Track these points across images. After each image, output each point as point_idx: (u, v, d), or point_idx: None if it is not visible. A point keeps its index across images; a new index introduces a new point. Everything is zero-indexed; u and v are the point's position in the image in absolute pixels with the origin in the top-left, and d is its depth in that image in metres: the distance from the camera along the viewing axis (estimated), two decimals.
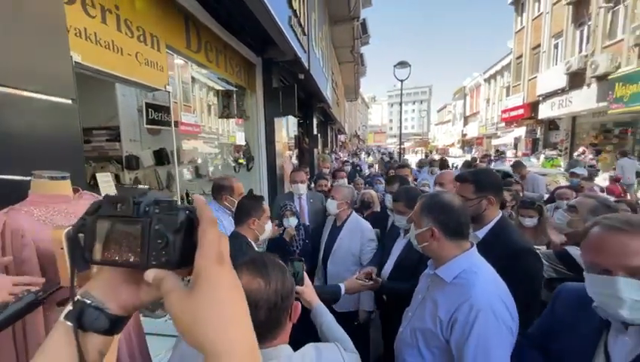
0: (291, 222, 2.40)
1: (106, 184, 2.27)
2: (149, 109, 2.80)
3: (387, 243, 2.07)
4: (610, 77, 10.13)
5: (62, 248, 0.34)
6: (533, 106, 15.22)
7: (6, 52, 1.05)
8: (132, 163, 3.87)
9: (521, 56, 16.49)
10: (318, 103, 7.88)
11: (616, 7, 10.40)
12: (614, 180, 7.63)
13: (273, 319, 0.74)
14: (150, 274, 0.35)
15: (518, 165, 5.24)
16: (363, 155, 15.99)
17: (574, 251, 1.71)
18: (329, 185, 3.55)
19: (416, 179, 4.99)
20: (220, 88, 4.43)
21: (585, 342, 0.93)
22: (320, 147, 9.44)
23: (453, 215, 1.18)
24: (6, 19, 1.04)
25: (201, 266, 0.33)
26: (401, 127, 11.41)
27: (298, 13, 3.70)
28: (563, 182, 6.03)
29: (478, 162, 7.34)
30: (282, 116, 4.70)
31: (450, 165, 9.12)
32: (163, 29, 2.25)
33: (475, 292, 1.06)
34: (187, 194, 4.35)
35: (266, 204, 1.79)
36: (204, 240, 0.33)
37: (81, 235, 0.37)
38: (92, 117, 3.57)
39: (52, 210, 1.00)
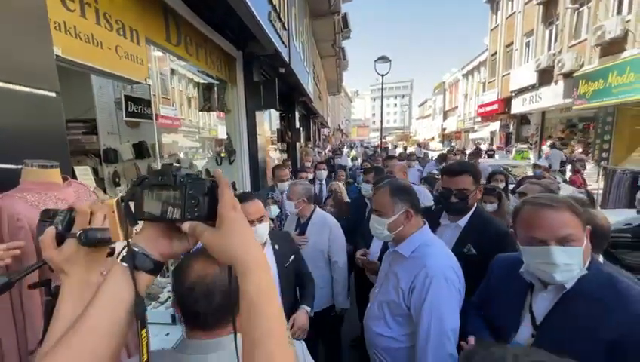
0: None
1: (85, 177, 2.28)
2: (129, 102, 2.80)
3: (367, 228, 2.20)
4: (574, 75, 10.80)
5: (113, 211, 0.45)
6: (507, 102, 15.93)
7: None
8: (110, 156, 3.83)
9: (495, 53, 17.15)
10: (300, 97, 7.94)
11: (581, 9, 11.04)
12: (576, 171, 8.24)
13: (228, 304, 0.72)
14: (186, 225, 0.48)
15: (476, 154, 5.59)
16: (345, 150, 16.18)
17: None
18: (310, 177, 3.68)
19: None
20: (202, 81, 4.42)
21: (513, 303, 1.11)
22: (303, 140, 9.52)
23: (414, 195, 1.34)
24: None
25: (223, 213, 0.47)
26: (382, 121, 11.67)
27: (278, 8, 3.76)
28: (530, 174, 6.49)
29: (453, 155, 7.69)
30: (264, 110, 4.76)
31: (430, 158, 9.64)
32: (142, 23, 2.27)
33: (429, 262, 1.22)
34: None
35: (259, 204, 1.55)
36: (223, 197, 0.48)
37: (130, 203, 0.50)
38: (67, 109, 3.49)
39: (44, 196, 1.07)
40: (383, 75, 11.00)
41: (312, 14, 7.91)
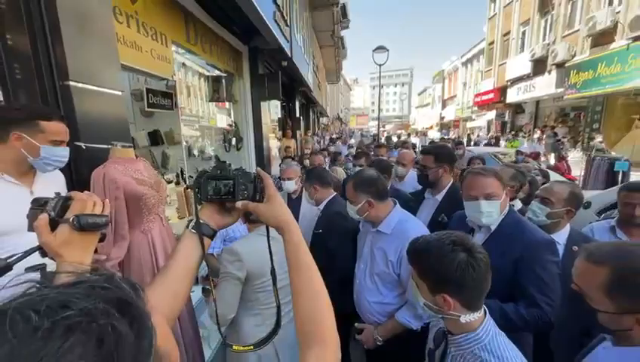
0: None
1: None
2: (149, 94, 3.22)
3: None
4: (566, 65, 11.12)
5: (183, 196, 0.78)
6: (503, 91, 16.22)
7: (80, 60, 1.51)
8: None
9: (493, 42, 17.31)
10: (300, 87, 8.29)
11: None
12: (561, 158, 8.70)
13: None
14: (239, 203, 0.69)
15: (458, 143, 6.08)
16: (352, 141, 16.52)
17: None
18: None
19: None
20: (209, 73, 4.79)
21: None
22: (302, 129, 9.91)
23: (377, 184, 1.57)
24: (77, 37, 1.51)
25: (271, 193, 0.70)
26: (379, 110, 12.01)
27: (281, 7, 4.12)
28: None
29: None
30: (268, 100, 5.16)
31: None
32: (168, 27, 2.67)
33: (410, 234, 1.35)
34: (182, 172, 4.80)
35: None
36: (268, 183, 0.71)
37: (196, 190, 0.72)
38: None
39: (127, 167, 1.52)
40: (380, 65, 11.24)
41: (311, 6, 8.17)
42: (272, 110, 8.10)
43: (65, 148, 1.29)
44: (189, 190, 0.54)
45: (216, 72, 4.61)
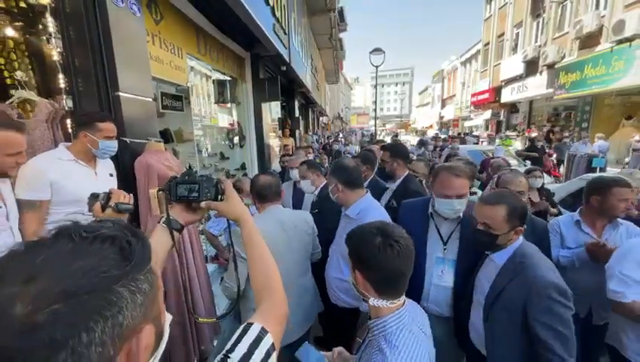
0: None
1: None
2: (163, 97, 3.70)
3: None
4: (556, 66, 11.54)
5: (155, 197, 1.00)
6: (497, 91, 16.65)
7: (125, 76, 1.99)
8: None
9: (488, 43, 17.72)
10: (299, 88, 8.75)
11: (565, 2, 11.67)
12: (548, 155, 9.14)
13: None
14: (204, 204, 0.87)
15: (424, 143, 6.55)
16: (340, 137, 17.03)
17: None
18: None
19: None
20: (214, 77, 5.27)
21: (421, 225, 1.71)
22: (302, 128, 10.38)
23: (348, 173, 1.75)
24: (124, 58, 1.99)
25: (227, 193, 0.88)
26: (376, 109, 12.47)
27: (280, 19, 4.59)
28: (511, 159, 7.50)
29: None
30: (268, 102, 5.64)
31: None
32: (183, 41, 3.15)
33: (367, 220, 1.61)
34: (190, 167, 5.28)
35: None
36: (227, 186, 0.89)
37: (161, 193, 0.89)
38: None
39: (159, 156, 2.00)
40: (377, 66, 11.72)
41: (309, 12, 8.63)
42: (272, 110, 8.59)
43: (114, 141, 1.77)
44: (161, 192, 0.77)
45: (221, 76, 5.10)
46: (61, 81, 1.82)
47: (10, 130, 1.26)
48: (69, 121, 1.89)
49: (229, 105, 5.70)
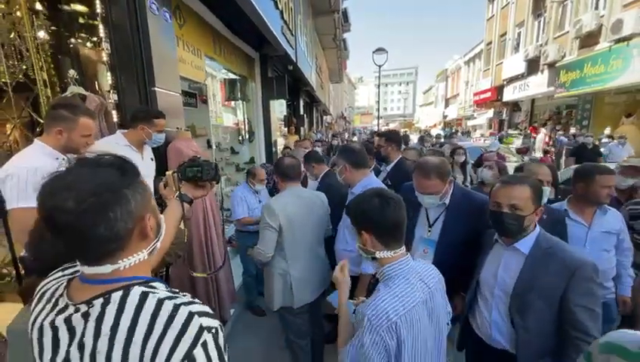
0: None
1: None
2: None
3: None
4: (557, 65, 11.71)
5: (170, 177, 1.10)
6: (500, 90, 16.81)
7: (160, 74, 2.33)
8: None
9: (490, 43, 17.88)
10: (304, 87, 9.07)
11: (566, 2, 11.83)
12: (546, 152, 9.36)
13: None
14: (205, 184, 1.15)
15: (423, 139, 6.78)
16: (346, 137, 17.35)
17: None
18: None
19: None
20: (225, 77, 5.61)
21: (413, 209, 1.74)
22: (306, 126, 10.70)
23: (354, 154, 1.94)
24: (159, 59, 2.32)
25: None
26: (379, 109, 12.75)
27: (288, 21, 4.91)
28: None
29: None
30: (276, 99, 5.97)
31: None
32: (202, 43, 3.48)
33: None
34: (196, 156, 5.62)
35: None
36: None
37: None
38: None
39: (188, 143, 2.33)
40: (380, 66, 11.99)
41: (314, 13, 8.94)
42: (277, 109, 8.92)
43: (163, 134, 2.09)
44: (174, 174, 1.01)
45: (232, 75, 5.43)
46: (108, 78, 2.15)
47: (86, 116, 1.55)
48: (114, 113, 2.23)
49: (234, 105, 6.04)
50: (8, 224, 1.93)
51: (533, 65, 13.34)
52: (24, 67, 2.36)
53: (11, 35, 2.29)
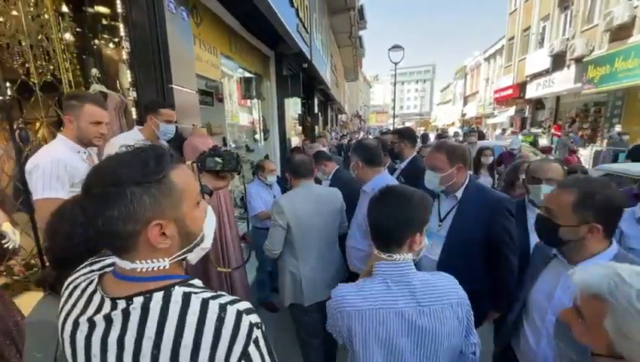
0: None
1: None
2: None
3: None
4: (584, 59, 11.12)
5: (190, 168, 1.04)
6: (522, 86, 16.16)
7: (177, 72, 2.37)
8: None
9: (513, 38, 17.21)
10: (319, 85, 9.06)
11: None
12: (572, 152, 8.93)
13: None
14: (226, 174, 1.15)
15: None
16: (362, 135, 17.22)
17: None
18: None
19: None
20: (241, 75, 5.68)
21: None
22: (321, 124, 10.69)
23: (368, 151, 1.88)
24: (176, 58, 2.36)
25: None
26: (394, 107, 12.55)
27: (303, 19, 4.90)
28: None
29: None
30: (290, 98, 5.99)
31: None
32: (218, 42, 3.53)
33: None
34: (220, 145, 5.72)
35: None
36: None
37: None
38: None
39: (203, 140, 2.37)
40: (396, 63, 11.80)
41: (330, 11, 8.90)
42: (291, 108, 8.95)
43: (173, 125, 2.13)
44: (194, 164, 0.98)
45: (247, 74, 5.49)
46: (128, 76, 2.21)
47: (93, 103, 1.54)
48: (133, 110, 2.29)
49: (249, 103, 6.10)
50: (34, 215, 2.03)
51: (558, 61, 12.73)
52: (51, 67, 2.48)
53: (39, 37, 2.40)
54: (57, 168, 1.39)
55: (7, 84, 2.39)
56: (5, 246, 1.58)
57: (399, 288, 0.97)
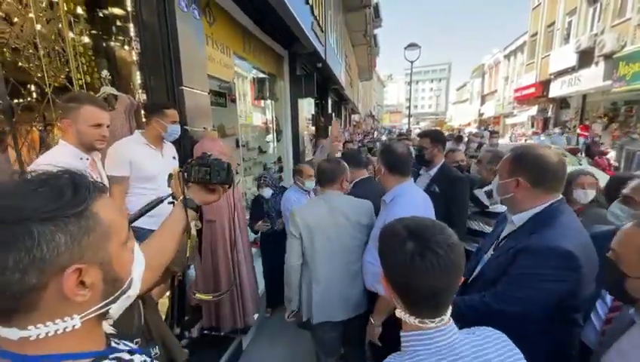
0: (265, 192, 2.87)
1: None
2: (209, 94, 4.05)
3: None
4: (615, 56, 10.48)
5: (176, 176, 0.96)
6: (545, 85, 15.47)
7: (188, 73, 2.28)
8: None
9: (536, 34, 16.52)
10: (333, 85, 8.90)
11: None
12: (601, 154, 8.40)
13: None
14: (216, 187, 0.96)
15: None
16: (375, 136, 16.94)
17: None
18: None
19: None
20: (254, 76, 5.60)
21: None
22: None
23: (391, 157, 1.69)
24: (187, 58, 2.27)
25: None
26: (410, 106, 12.27)
27: (318, 17, 4.76)
28: None
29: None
30: (304, 98, 5.86)
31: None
32: (231, 42, 3.44)
33: (396, 209, 1.53)
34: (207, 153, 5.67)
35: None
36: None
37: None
38: None
39: (214, 143, 2.27)
40: (412, 62, 11.50)
41: (345, 9, 8.73)
42: (305, 108, 8.81)
43: (178, 126, 2.04)
44: (180, 173, 0.85)
45: (260, 74, 5.40)
46: (138, 78, 2.13)
47: (92, 105, 1.47)
48: (142, 112, 2.22)
49: (262, 104, 6.02)
50: None
51: (585, 57, 12.07)
52: (67, 70, 2.44)
53: (52, 38, 2.36)
54: None
55: (32, 87, 2.37)
56: None
57: None
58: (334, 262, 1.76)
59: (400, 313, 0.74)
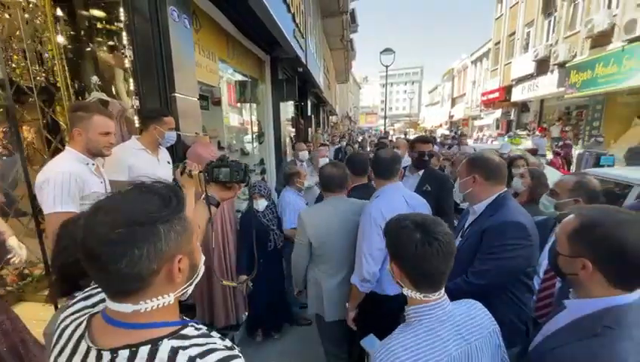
0: (260, 204, 2.56)
1: None
2: None
3: None
4: (567, 65, 11.55)
5: (197, 178, 1.09)
6: (508, 90, 16.63)
7: (179, 80, 2.36)
8: None
9: (499, 42, 17.70)
10: (312, 88, 9.09)
11: (577, 1, 11.66)
12: (556, 154, 9.25)
13: None
14: (233, 185, 1.14)
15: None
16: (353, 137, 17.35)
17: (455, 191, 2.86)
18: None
19: None
20: (236, 79, 5.65)
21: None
22: (313, 127, 10.72)
23: (377, 163, 1.83)
24: (179, 66, 2.35)
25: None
26: (385, 109, 12.72)
27: (299, 24, 4.93)
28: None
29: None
30: (285, 101, 5.99)
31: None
32: (216, 48, 3.51)
33: (368, 208, 1.69)
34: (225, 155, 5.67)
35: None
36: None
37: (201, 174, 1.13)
38: None
39: (206, 147, 2.37)
40: (387, 66, 11.95)
41: (322, 15, 8.95)
42: (286, 110, 8.92)
43: (174, 132, 2.13)
44: (201, 174, 0.97)
45: (242, 78, 5.47)
46: (131, 84, 2.19)
47: (100, 114, 1.58)
48: (136, 118, 2.27)
49: (244, 107, 6.07)
50: (40, 227, 1.99)
51: (542, 66, 13.18)
52: (42, 72, 2.43)
53: (29, 41, 2.35)
54: (68, 182, 1.38)
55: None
56: (12, 260, 1.55)
57: (446, 330, 0.89)
58: (345, 264, 1.83)
59: (407, 291, 0.93)
